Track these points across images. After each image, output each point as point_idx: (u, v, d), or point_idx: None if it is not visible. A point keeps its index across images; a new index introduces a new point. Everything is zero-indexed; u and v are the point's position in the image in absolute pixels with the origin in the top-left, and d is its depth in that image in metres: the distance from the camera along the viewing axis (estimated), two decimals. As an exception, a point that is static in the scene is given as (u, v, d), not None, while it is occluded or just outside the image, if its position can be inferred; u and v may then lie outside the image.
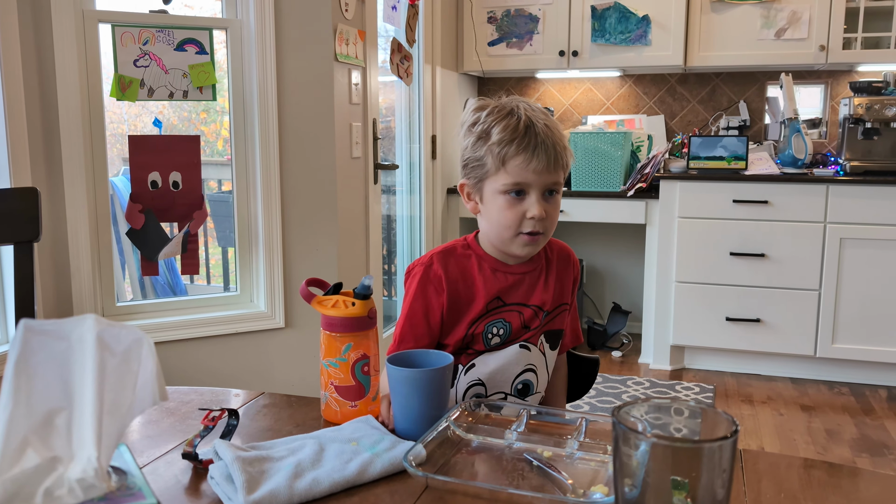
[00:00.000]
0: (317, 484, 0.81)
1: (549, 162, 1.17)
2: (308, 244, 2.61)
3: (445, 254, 1.26)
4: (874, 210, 3.16)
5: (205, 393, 1.16)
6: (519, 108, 1.19)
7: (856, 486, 0.89)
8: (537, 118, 1.19)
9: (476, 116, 1.22)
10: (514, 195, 1.19)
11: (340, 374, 1.01)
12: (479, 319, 1.24)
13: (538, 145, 1.16)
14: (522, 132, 1.16)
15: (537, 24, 3.73)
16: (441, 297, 1.23)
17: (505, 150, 1.17)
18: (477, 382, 1.26)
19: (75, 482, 0.67)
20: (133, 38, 2.30)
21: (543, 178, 1.18)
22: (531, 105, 1.22)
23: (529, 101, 1.24)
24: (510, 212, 1.19)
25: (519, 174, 1.17)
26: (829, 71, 3.69)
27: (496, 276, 1.25)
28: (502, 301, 1.25)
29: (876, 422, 2.96)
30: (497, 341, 1.25)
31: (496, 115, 1.19)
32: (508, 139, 1.16)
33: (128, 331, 0.71)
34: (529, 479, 0.87)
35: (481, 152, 1.19)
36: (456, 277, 1.24)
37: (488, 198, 1.21)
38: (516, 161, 1.16)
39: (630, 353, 3.80)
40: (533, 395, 1.30)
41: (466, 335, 1.24)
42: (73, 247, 2.22)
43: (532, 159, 1.16)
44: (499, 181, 1.19)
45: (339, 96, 2.62)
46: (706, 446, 0.62)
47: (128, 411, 0.70)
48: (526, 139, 1.16)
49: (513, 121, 1.18)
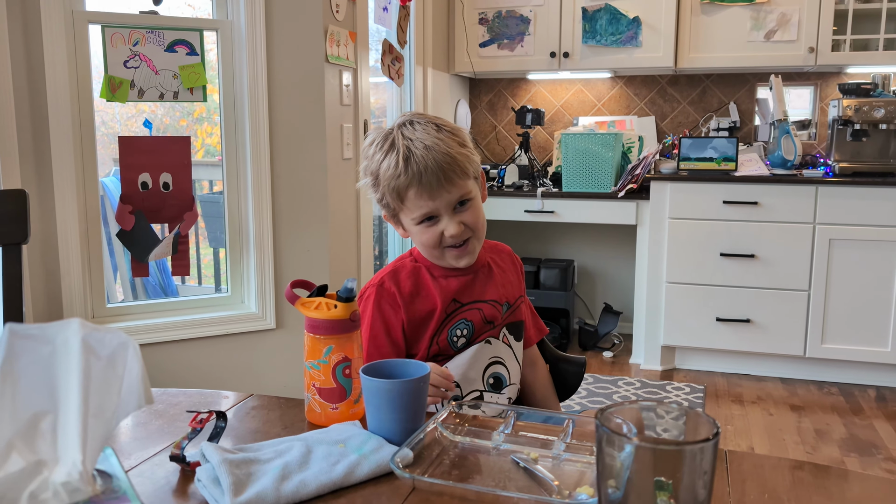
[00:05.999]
0: (304, 486, 0.82)
1: (441, 181, 1.17)
2: (299, 245, 2.61)
3: (395, 272, 1.28)
4: (863, 211, 3.18)
5: (193, 395, 1.16)
6: (396, 141, 1.18)
7: (840, 487, 0.89)
8: (415, 143, 1.17)
9: (365, 154, 1.24)
10: (428, 221, 1.21)
11: (322, 376, 1.01)
12: (441, 326, 1.26)
13: (422, 172, 1.16)
14: (403, 166, 1.16)
15: (528, 26, 3.74)
16: (399, 312, 1.25)
17: (395, 185, 1.18)
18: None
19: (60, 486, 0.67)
20: (123, 39, 2.29)
21: (443, 198, 1.19)
22: (415, 123, 1.20)
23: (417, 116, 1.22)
24: (429, 234, 1.22)
25: (419, 205, 1.19)
26: (819, 73, 3.71)
27: (448, 281, 1.28)
28: (459, 302, 1.27)
29: (865, 421, 2.98)
30: (463, 342, 1.27)
31: (380, 152, 1.20)
32: (394, 175, 1.17)
33: (113, 334, 0.71)
34: (516, 481, 0.87)
35: (380, 193, 1.22)
36: (410, 291, 1.26)
37: (408, 227, 1.25)
38: (410, 193, 1.18)
39: (621, 353, 3.81)
40: (508, 387, 1.32)
41: (432, 344, 1.26)
42: (63, 248, 2.21)
43: (421, 188, 1.17)
44: (407, 216, 1.22)
45: (330, 97, 2.62)
46: (687, 448, 0.62)
47: (113, 415, 0.70)
48: (408, 170, 1.16)
49: (393, 157, 1.17)
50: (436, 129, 1.20)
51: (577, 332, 3.96)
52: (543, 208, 3.62)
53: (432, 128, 1.20)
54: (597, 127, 3.95)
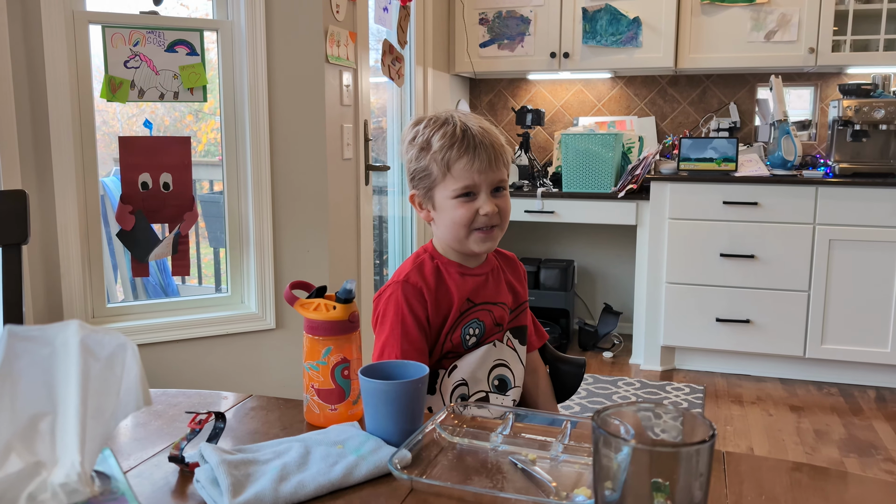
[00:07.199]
0: (302, 487, 0.82)
1: (491, 160, 1.24)
2: (299, 245, 2.62)
3: (419, 267, 1.30)
4: (863, 211, 3.18)
5: (192, 396, 1.17)
6: (453, 117, 1.26)
7: (837, 489, 0.90)
8: (471, 123, 1.25)
9: (415, 130, 1.28)
10: (465, 197, 1.25)
11: (320, 377, 1.02)
12: (456, 324, 1.28)
13: (477, 146, 1.23)
14: (460, 136, 1.23)
15: (529, 26, 3.74)
16: (425, 306, 1.27)
17: (447, 155, 1.23)
18: (461, 382, 1.30)
19: (58, 487, 0.68)
20: (123, 40, 2.29)
21: (488, 176, 1.24)
22: (465, 113, 1.29)
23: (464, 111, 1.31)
24: (463, 210, 1.25)
25: (464, 176, 1.23)
26: (819, 73, 3.71)
27: (464, 280, 1.31)
28: (472, 302, 1.30)
29: (864, 422, 2.98)
30: (474, 341, 1.30)
31: (433, 126, 1.26)
32: (448, 145, 1.23)
33: (112, 336, 0.71)
34: (513, 482, 0.87)
35: (425, 162, 1.26)
36: (434, 286, 1.29)
37: (440, 203, 1.27)
38: (460, 164, 1.23)
39: (621, 353, 3.81)
40: (513, 389, 1.35)
41: (445, 341, 1.28)
42: (63, 248, 2.21)
43: (474, 160, 1.23)
44: (448, 187, 1.25)
45: (331, 98, 2.62)
46: (684, 450, 0.63)
47: (112, 416, 0.70)
48: (465, 142, 1.23)
49: (449, 128, 1.24)
50: (486, 120, 1.30)
51: (577, 332, 3.96)
52: (543, 208, 3.63)
53: (483, 119, 1.30)
54: (597, 127, 3.95)
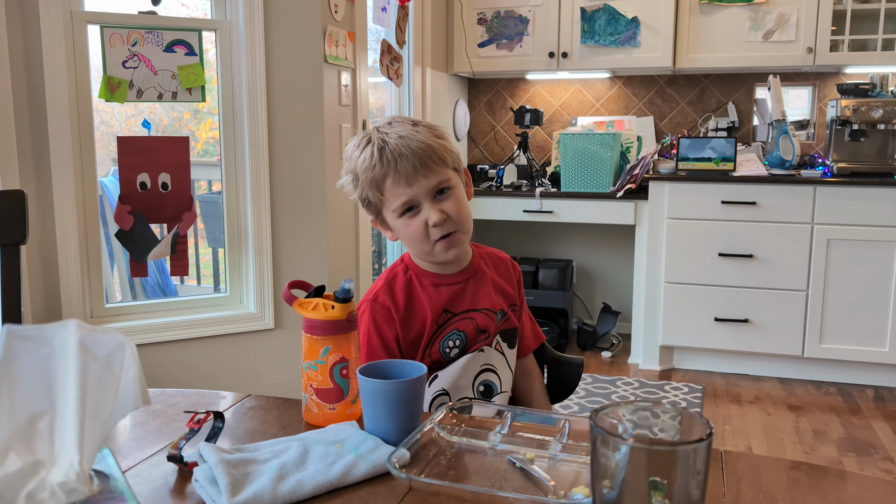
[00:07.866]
0: (301, 486, 0.82)
1: (416, 167, 1.18)
2: (297, 245, 2.62)
3: (389, 285, 1.28)
4: (861, 211, 3.19)
5: (191, 395, 1.17)
6: (373, 134, 1.21)
7: (835, 488, 0.90)
8: (391, 135, 1.20)
9: (345, 159, 1.25)
10: (409, 212, 1.21)
11: (319, 376, 1.02)
12: (432, 338, 1.26)
13: (398, 159, 1.17)
14: (378, 156, 1.18)
15: (527, 26, 3.74)
16: (393, 326, 1.25)
17: (373, 177, 1.19)
18: (441, 392, 1.27)
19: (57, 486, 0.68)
20: (122, 40, 2.29)
21: (422, 184, 1.19)
22: (390, 122, 1.23)
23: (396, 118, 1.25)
24: (413, 225, 1.21)
25: (397, 193, 1.19)
26: (817, 73, 3.72)
27: (439, 291, 1.27)
28: (451, 312, 1.26)
29: (863, 421, 2.98)
30: (456, 352, 1.27)
31: (356, 151, 1.22)
32: (370, 166, 1.19)
33: (110, 336, 0.71)
34: (512, 481, 0.87)
35: (360, 191, 1.23)
36: (403, 304, 1.26)
37: (392, 224, 1.24)
38: (387, 183, 1.19)
39: (620, 353, 3.81)
40: (499, 395, 1.32)
41: (424, 357, 1.26)
42: (62, 248, 2.21)
43: (396, 175, 1.18)
44: (389, 208, 1.22)
45: (329, 98, 2.62)
46: (681, 449, 0.63)
47: (110, 416, 0.70)
48: (383, 159, 1.18)
49: (368, 149, 1.20)
50: (412, 124, 1.23)
51: (576, 332, 3.96)
52: (542, 208, 3.63)
53: (408, 124, 1.23)
54: (595, 127, 3.95)
